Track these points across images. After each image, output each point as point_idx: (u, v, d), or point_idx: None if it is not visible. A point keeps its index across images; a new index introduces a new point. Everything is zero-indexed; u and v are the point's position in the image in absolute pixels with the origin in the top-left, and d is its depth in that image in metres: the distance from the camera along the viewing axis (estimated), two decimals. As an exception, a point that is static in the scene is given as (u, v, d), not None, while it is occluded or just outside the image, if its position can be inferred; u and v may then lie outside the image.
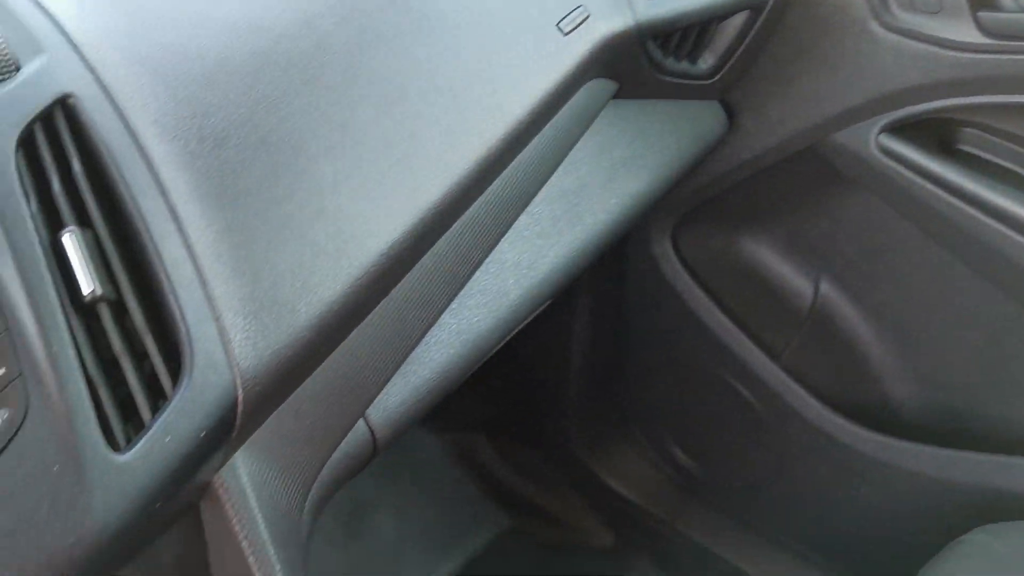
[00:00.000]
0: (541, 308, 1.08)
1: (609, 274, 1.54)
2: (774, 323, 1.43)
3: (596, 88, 1.05)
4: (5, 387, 0.56)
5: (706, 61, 1.14)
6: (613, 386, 1.71)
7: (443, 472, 1.87)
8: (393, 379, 0.87)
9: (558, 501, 1.84)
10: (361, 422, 0.85)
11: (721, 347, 1.46)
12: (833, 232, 1.34)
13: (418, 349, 0.89)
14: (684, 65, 1.13)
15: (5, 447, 0.55)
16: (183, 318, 0.64)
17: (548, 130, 0.96)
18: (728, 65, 1.15)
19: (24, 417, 0.56)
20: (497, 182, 0.90)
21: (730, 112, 1.24)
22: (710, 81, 1.16)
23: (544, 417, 1.80)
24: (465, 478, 1.88)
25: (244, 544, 0.69)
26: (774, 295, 1.42)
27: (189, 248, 0.66)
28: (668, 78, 1.12)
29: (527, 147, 0.94)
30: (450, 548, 1.80)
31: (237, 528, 0.69)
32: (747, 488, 1.61)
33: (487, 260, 0.95)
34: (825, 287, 1.38)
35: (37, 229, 0.61)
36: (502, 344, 1.01)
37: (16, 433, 0.56)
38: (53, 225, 0.62)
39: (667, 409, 1.67)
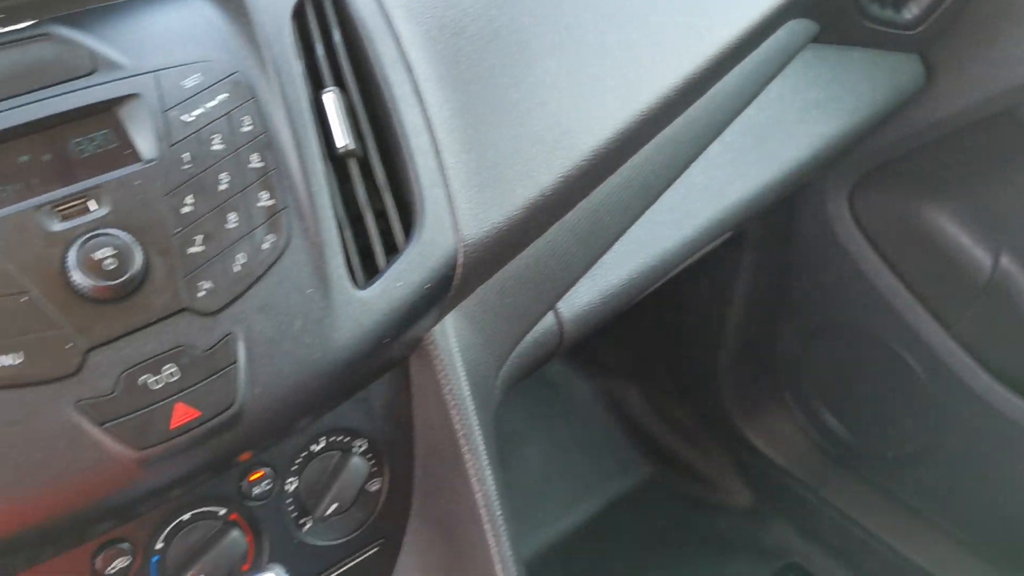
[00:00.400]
0: (722, 238, 1.11)
1: (777, 232, 1.55)
2: (948, 292, 1.41)
3: (798, 27, 1.07)
4: (273, 216, 0.64)
5: (911, 11, 1.14)
6: (769, 346, 1.72)
7: (593, 417, 1.92)
8: (583, 279, 0.92)
9: (702, 457, 1.86)
10: (551, 314, 0.90)
11: (890, 312, 1.45)
12: (1020, 204, 1.31)
13: (608, 255, 0.94)
14: (888, 13, 1.13)
15: (271, 266, 0.63)
16: (418, 181, 0.71)
17: (749, 62, 0.99)
18: (933, 17, 1.15)
19: (287, 244, 0.64)
20: (697, 104, 0.94)
21: (929, 68, 1.23)
22: (913, 32, 1.15)
23: (697, 373, 1.82)
24: (613, 425, 1.92)
25: (447, 397, 0.76)
26: (950, 264, 1.40)
27: (427, 120, 0.73)
28: (871, 24, 1.12)
29: (727, 75, 0.97)
30: (592, 489, 1.85)
31: (442, 381, 0.76)
32: (900, 460, 1.59)
33: (678, 180, 0.99)
34: (1006, 260, 1.35)
35: (304, 87, 0.68)
36: (685, 264, 1.05)
37: (281, 256, 0.63)
38: (315, 85, 0.70)
39: (822, 373, 1.67)
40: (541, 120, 0.78)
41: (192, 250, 0.61)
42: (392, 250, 0.70)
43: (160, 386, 0.58)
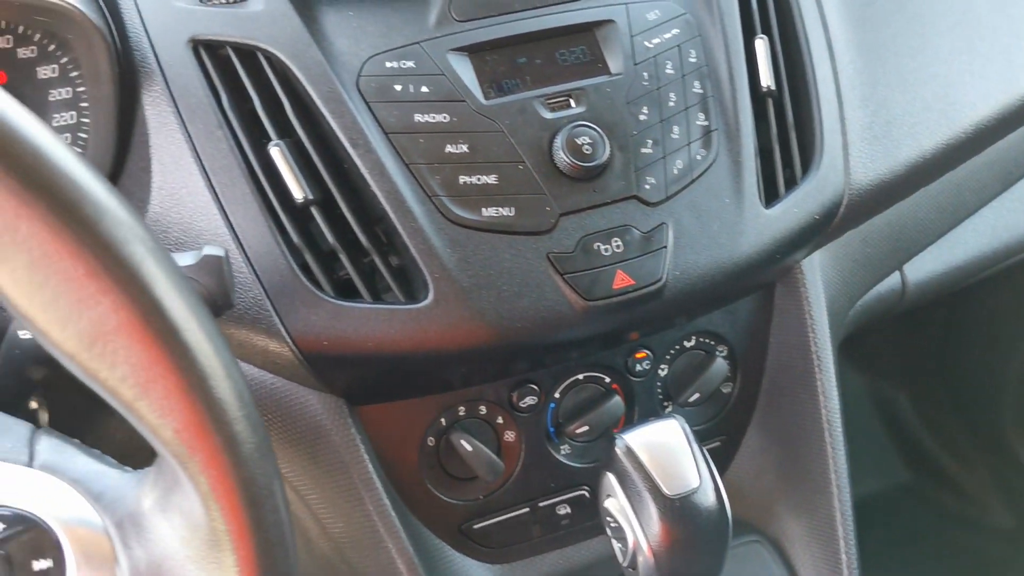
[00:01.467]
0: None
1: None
2: None
3: None
4: (706, 135, 0.76)
5: None
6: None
7: (858, 413, 1.94)
8: (931, 248, 0.99)
9: (965, 471, 1.85)
10: (897, 273, 0.98)
11: None
12: None
13: (957, 230, 1.00)
14: None
15: (701, 175, 0.75)
16: (821, 126, 0.81)
17: None
18: None
19: (715, 159, 0.76)
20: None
21: None
22: None
23: (977, 387, 1.80)
24: (877, 425, 1.94)
25: (808, 320, 0.85)
26: None
27: (835, 73, 0.82)
28: None
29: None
30: (844, 483, 1.88)
31: (805, 306, 0.85)
32: None
33: (1036, 172, 1.03)
34: None
35: (740, 32, 0.80)
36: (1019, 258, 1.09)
37: (709, 168, 0.75)
38: (746, 31, 0.81)
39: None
40: (931, 90, 0.86)
41: (644, 150, 0.74)
42: (789, 181, 0.80)
43: (608, 254, 0.71)
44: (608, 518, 0.70)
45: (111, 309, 0.38)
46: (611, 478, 0.69)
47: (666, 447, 0.68)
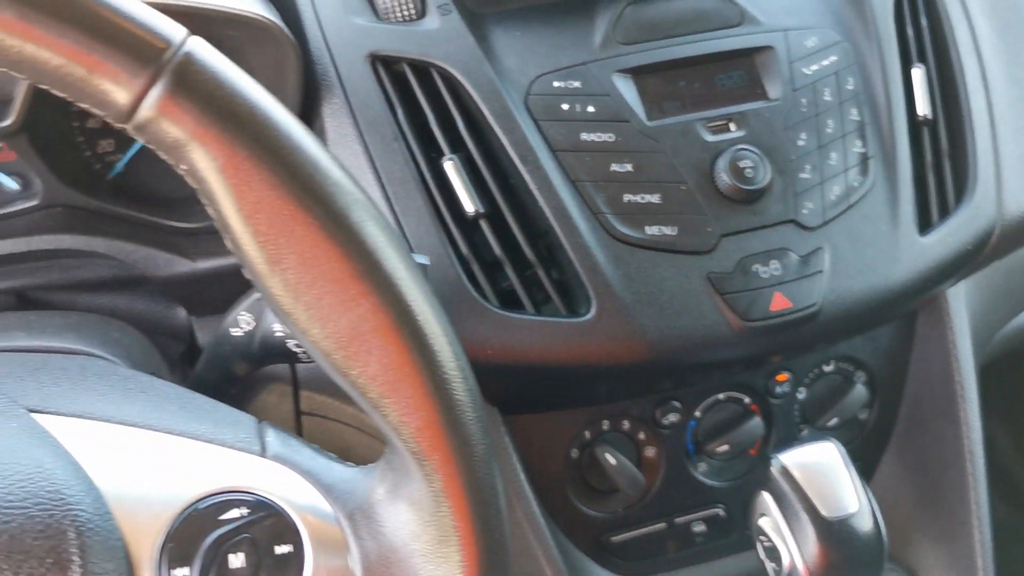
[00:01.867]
0: None
1: None
2: None
3: None
4: (863, 161, 0.77)
5: None
6: None
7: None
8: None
9: (1066, 511, 1.81)
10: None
11: None
12: None
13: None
14: None
15: (858, 201, 0.75)
16: (975, 155, 0.81)
17: None
18: None
19: (872, 186, 0.76)
20: None
21: None
22: None
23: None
24: (974, 458, 1.90)
25: (952, 349, 0.85)
26: None
27: (989, 103, 0.83)
28: None
29: None
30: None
31: (948, 335, 0.85)
32: None
33: None
34: None
35: (898, 61, 0.80)
36: None
37: (866, 194, 0.76)
38: (904, 59, 0.81)
39: None
40: None
41: (802, 175, 0.74)
42: (942, 210, 0.80)
43: (767, 276, 0.72)
44: (762, 536, 0.71)
45: (370, 311, 0.40)
46: (766, 497, 0.70)
47: (823, 469, 0.69)
